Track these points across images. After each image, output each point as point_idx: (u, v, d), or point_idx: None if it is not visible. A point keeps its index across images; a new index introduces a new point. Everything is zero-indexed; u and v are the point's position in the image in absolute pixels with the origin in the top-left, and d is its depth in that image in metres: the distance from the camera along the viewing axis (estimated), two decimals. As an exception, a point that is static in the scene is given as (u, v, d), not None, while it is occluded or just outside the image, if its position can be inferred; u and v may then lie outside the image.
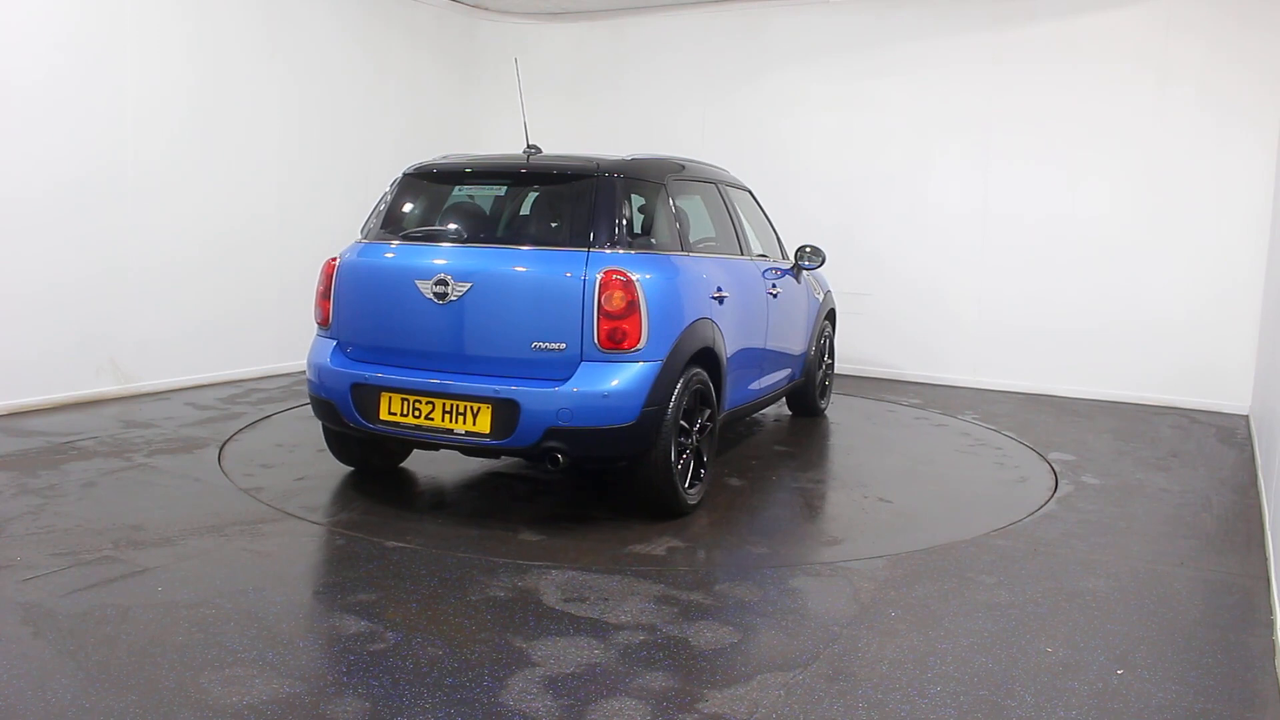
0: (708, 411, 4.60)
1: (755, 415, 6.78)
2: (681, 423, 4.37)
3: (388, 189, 4.82)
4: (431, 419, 4.20)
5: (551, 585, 3.62)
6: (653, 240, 4.57)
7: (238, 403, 6.62)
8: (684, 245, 4.73)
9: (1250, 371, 7.22)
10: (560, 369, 4.08)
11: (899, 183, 8.28)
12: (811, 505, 4.93)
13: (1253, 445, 6.22)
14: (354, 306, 4.49)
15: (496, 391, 4.08)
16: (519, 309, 4.14)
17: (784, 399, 6.67)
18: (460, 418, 4.15)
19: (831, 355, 7.00)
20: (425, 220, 4.61)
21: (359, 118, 8.34)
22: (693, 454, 4.50)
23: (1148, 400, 7.53)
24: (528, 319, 4.12)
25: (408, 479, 5.09)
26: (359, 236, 4.71)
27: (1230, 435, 6.61)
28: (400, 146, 8.26)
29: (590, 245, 4.19)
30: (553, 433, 4.03)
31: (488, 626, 3.25)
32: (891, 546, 4.22)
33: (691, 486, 4.50)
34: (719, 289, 4.75)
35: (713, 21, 8.89)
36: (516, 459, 5.05)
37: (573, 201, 4.38)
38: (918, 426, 6.68)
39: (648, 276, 4.18)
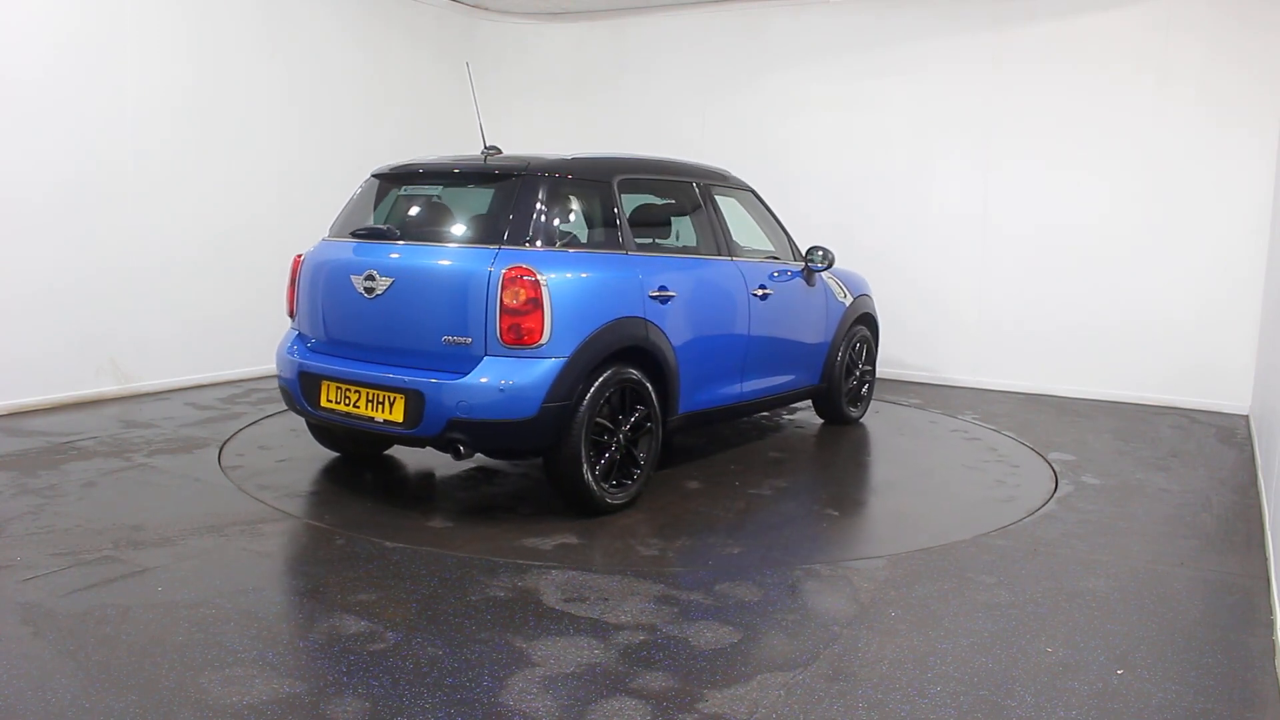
0: (644, 411, 4.60)
1: (776, 419, 6.73)
2: (601, 420, 4.40)
3: (356, 189, 5.03)
4: (358, 407, 4.43)
5: (551, 585, 3.62)
6: (577, 238, 4.63)
7: (238, 403, 6.62)
8: (624, 243, 4.71)
9: (1250, 371, 7.22)
10: (466, 362, 4.21)
11: (899, 183, 8.28)
12: (747, 513, 4.64)
13: (1253, 445, 6.22)
14: (309, 300, 4.79)
15: (405, 382, 4.26)
16: (432, 304, 4.31)
17: (813, 404, 6.56)
18: (380, 406, 4.36)
19: (870, 362, 6.75)
20: (373, 219, 4.79)
21: (359, 117, 8.34)
22: (621, 453, 4.52)
23: (1148, 400, 7.53)
24: (439, 313, 4.28)
25: (381, 466, 5.26)
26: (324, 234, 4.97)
27: (1230, 435, 6.61)
28: (400, 146, 8.24)
29: (503, 242, 4.30)
30: (454, 424, 4.18)
31: (488, 626, 3.25)
32: (891, 547, 4.22)
33: (617, 486, 4.51)
34: (661, 288, 4.73)
35: (713, 21, 8.89)
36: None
37: (499, 200, 4.51)
38: (949, 439, 6.35)
39: (557, 274, 4.25)
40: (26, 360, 6.08)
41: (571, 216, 4.67)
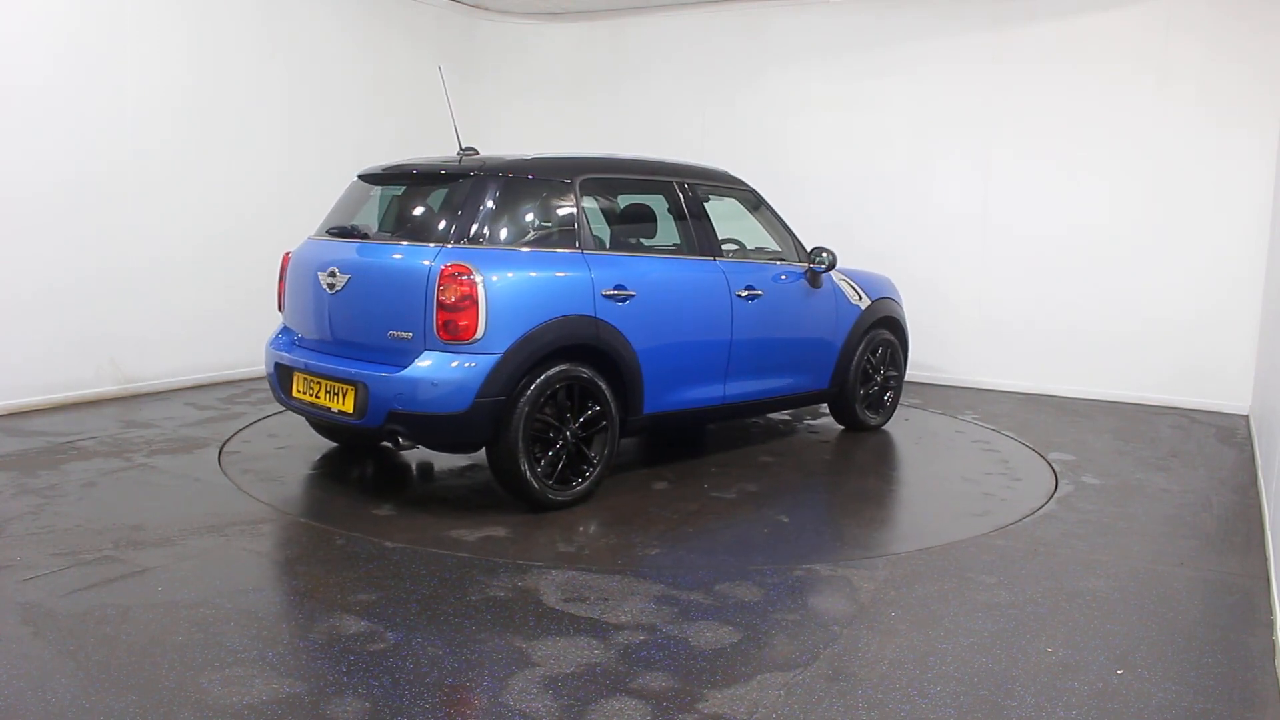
0: (597, 408, 4.62)
1: (792, 424, 6.64)
2: (544, 417, 4.44)
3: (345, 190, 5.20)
4: (319, 398, 4.61)
5: (551, 585, 3.62)
6: (528, 236, 4.66)
7: (238, 403, 6.62)
8: (580, 242, 4.70)
9: (1250, 371, 7.22)
10: (406, 356, 4.32)
11: (899, 183, 8.27)
12: (696, 515, 4.56)
13: (1253, 445, 6.22)
14: (290, 296, 5.01)
15: (353, 374, 4.42)
16: (380, 299, 4.46)
17: (829, 409, 6.43)
18: (336, 397, 4.52)
19: (895, 367, 6.55)
20: (347, 218, 4.95)
21: (359, 117, 8.33)
22: (569, 450, 4.54)
23: (1148, 400, 7.53)
24: (385, 308, 4.42)
25: (375, 456, 5.44)
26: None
27: (1230, 435, 6.60)
28: (399, 146, 8.24)
29: (447, 240, 4.39)
30: (393, 416, 4.30)
31: (488, 626, 3.25)
32: (891, 546, 4.22)
33: (562, 483, 4.53)
34: (618, 286, 4.71)
35: (713, 21, 8.89)
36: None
37: (452, 199, 4.60)
38: (960, 444, 6.18)
39: (496, 272, 4.31)
40: (26, 360, 6.08)
41: (524, 215, 4.70)
